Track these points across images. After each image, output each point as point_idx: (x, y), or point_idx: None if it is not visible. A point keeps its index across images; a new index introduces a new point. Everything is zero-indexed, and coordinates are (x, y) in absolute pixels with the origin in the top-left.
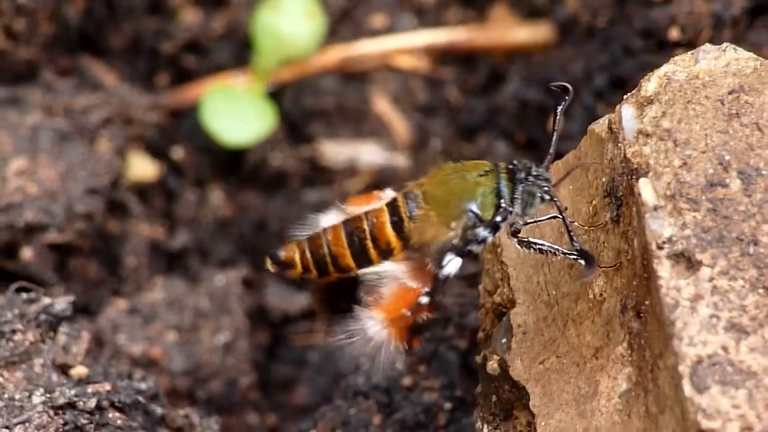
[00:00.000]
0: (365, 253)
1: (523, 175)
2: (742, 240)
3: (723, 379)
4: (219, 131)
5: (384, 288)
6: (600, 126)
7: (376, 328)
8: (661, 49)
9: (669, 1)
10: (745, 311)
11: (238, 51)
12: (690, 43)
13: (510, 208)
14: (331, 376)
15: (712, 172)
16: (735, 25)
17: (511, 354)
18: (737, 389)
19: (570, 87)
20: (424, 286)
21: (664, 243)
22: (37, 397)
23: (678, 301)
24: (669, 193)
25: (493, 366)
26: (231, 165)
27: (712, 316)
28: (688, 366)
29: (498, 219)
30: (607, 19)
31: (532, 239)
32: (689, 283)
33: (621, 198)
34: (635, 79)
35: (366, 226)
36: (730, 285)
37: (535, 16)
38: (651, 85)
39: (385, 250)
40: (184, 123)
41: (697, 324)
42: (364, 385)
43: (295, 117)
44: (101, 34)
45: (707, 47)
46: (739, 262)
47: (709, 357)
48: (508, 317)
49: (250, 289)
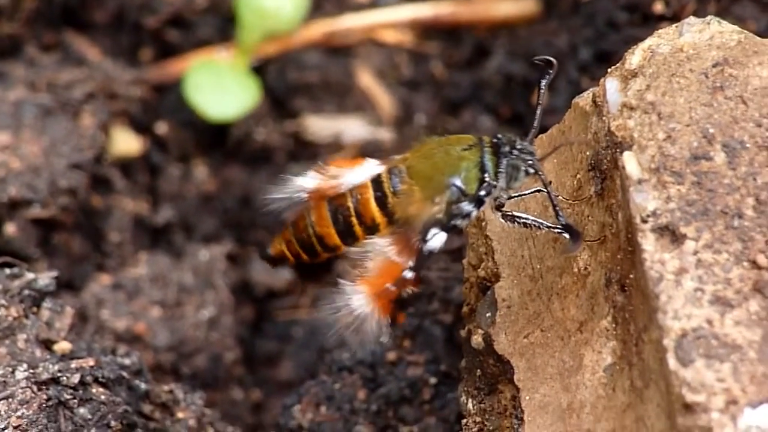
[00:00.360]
0: (350, 230)
1: (507, 148)
2: (727, 213)
3: (708, 352)
4: (203, 106)
5: (369, 262)
6: (584, 99)
7: (360, 302)
8: (645, 23)
9: None
10: (729, 284)
11: (221, 25)
12: (675, 16)
13: (494, 182)
14: (315, 351)
15: (696, 145)
16: None
17: (495, 328)
18: (722, 362)
19: (554, 61)
20: (409, 260)
21: (649, 216)
22: (21, 373)
23: (662, 275)
24: (653, 166)
25: (477, 340)
26: (215, 140)
27: (696, 290)
28: (672, 339)
29: (482, 193)
30: None
31: (516, 213)
32: (674, 257)
33: (605, 171)
34: (620, 52)
35: (350, 203)
36: (714, 258)
37: None
38: (635, 58)
39: (371, 227)
40: (167, 98)
41: (681, 297)
42: (349, 360)
43: (279, 92)
44: (85, 9)
45: (691, 20)
46: (724, 235)
47: (694, 330)
48: (493, 291)
49: (235, 265)
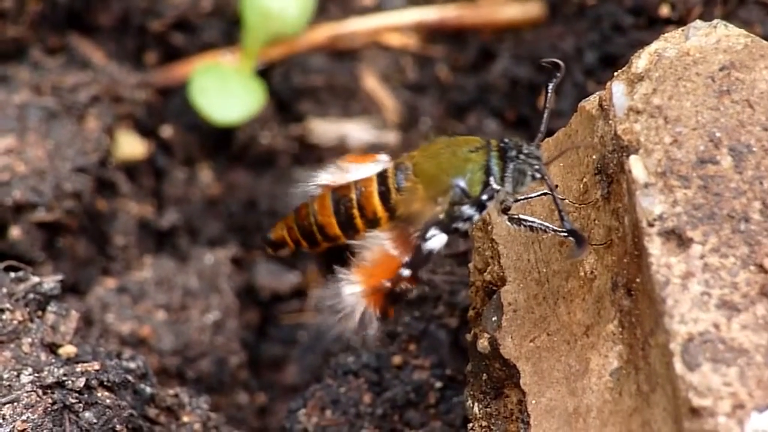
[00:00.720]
0: (351, 221)
1: (514, 152)
2: (733, 217)
3: (714, 356)
4: (208, 109)
5: (367, 253)
6: (590, 103)
7: (352, 291)
8: (651, 26)
9: None
10: (736, 288)
11: (226, 29)
12: (681, 20)
13: (497, 187)
14: (320, 355)
15: (702, 149)
16: (725, 2)
17: (501, 332)
18: (729, 367)
19: (561, 63)
20: (406, 255)
21: (655, 220)
22: (26, 377)
23: (669, 279)
24: (660, 170)
25: (483, 344)
26: (220, 143)
27: (703, 294)
28: (679, 344)
29: (484, 197)
30: None
31: (522, 216)
32: (680, 261)
33: (611, 175)
34: (625, 56)
35: (353, 195)
36: (721, 262)
37: None
38: (641, 62)
39: (372, 220)
40: (172, 101)
41: (688, 301)
42: (354, 363)
43: (284, 95)
44: (89, 12)
45: (698, 24)
46: (731, 239)
47: (701, 334)
48: (499, 295)
49: (240, 268)
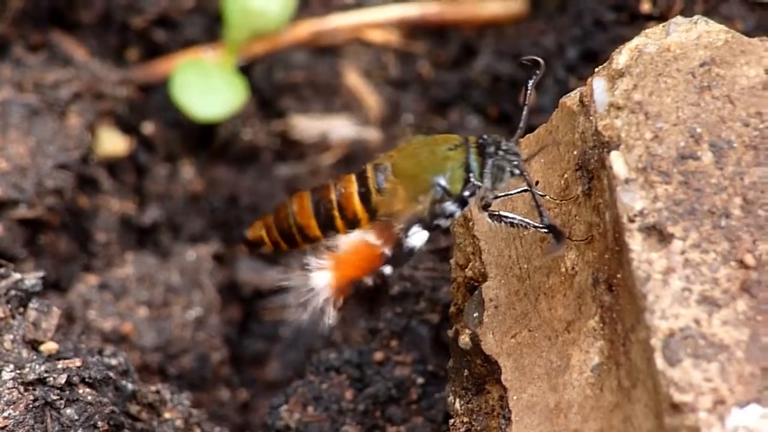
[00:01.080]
0: (331, 222)
1: (492, 149)
2: (714, 213)
3: (695, 352)
4: (189, 106)
5: (343, 242)
6: (571, 99)
7: (320, 275)
8: (632, 22)
9: None
10: (717, 284)
11: (208, 25)
12: (662, 16)
13: (479, 183)
14: (302, 351)
15: (683, 144)
16: None
17: (483, 328)
18: (710, 362)
19: (541, 61)
20: (387, 246)
21: (636, 216)
22: (7, 373)
23: (650, 275)
24: (640, 165)
25: (465, 340)
26: (202, 140)
27: (684, 289)
28: (660, 339)
29: (466, 194)
30: None
31: (503, 213)
32: (661, 256)
33: (592, 171)
34: (607, 52)
35: (333, 195)
36: (702, 258)
37: None
38: (622, 57)
39: (352, 221)
40: (154, 98)
41: (669, 297)
42: (336, 360)
43: (266, 91)
44: (71, 9)
45: (678, 20)
46: (711, 234)
47: (681, 330)
48: (480, 291)
49: (222, 265)
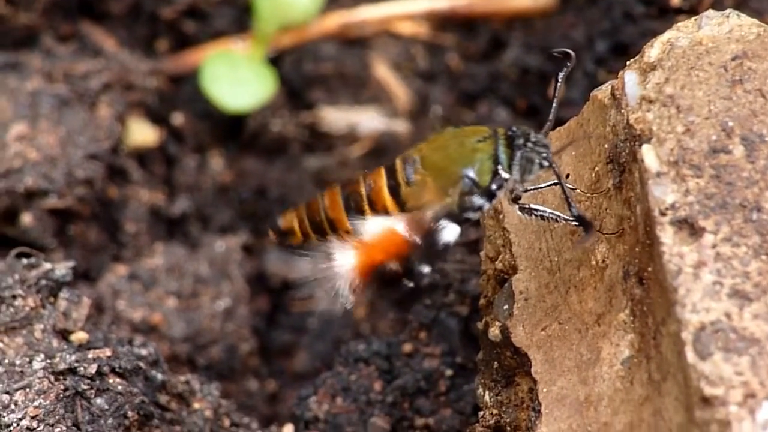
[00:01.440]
0: (362, 217)
1: (521, 141)
2: (745, 206)
3: (726, 345)
4: (219, 97)
5: (369, 229)
6: (603, 92)
7: (343, 257)
8: (662, 16)
9: None
10: (748, 278)
11: (238, 16)
12: (692, 9)
13: (507, 175)
14: (331, 342)
15: (715, 138)
16: None
17: (512, 320)
18: (740, 356)
19: (572, 53)
20: (414, 234)
21: (667, 209)
22: (38, 363)
23: (681, 268)
24: (672, 159)
25: (494, 332)
26: (231, 131)
27: (715, 283)
28: (691, 333)
29: (494, 186)
30: None
31: (533, 206)
32: (692, 250)
33: (623, 164)
34: (636, 45)
35: (363, 190)
36: (733, 251)
37: None
38: (654, 51)
39: (382, 214)
40: (184, 88)
41: (700, 291)
42: (365, 351)
43: (295, 83)
44: (101, 0)
45: (710, 13)
46: (742, 228)
47: (712, 324)
48: (510, 283)
49: (250, 255)
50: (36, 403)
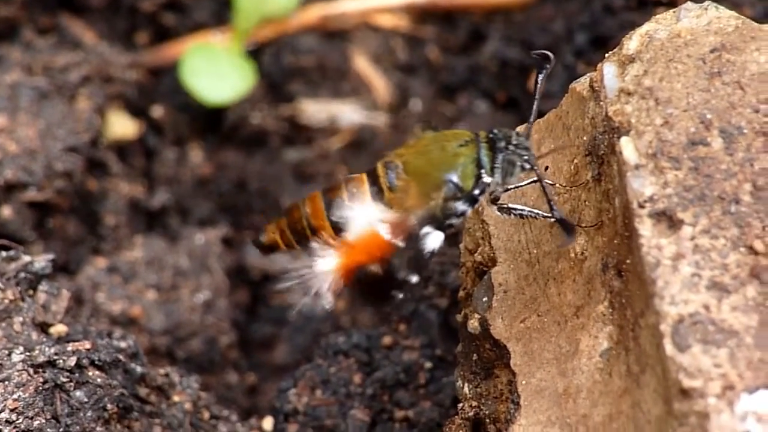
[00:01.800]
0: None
1: (503, 144)
2: (724, 199)
3: (704, 338)
4: (199, 89)
5: (350, 230)
6: (581, 84)
7: (325, 259)
8: (641, 8)
9: None
10: (726, 270)
11: (217, 9)
12: (671, 1)
13: (488, 180)
14: (311, 335)
15: (693, 130)
16: None
17: (492, 313)
18: (719, 348)
19: (551, 55)
20: (397, 236)
21: (646, 202)
22: (17, 356)
23: (659, 260)
24: (650, 151)
25: (473, 325)
26: (211, 123)
27: (693, 275)
28: (669, 325)
29: (476, 192)
30: None
31: (511, 205)
32: (671, 242)
33: (602, 156)
34: (616, 37)
35: (345, 195)
36: (711, 244)
37: None
38: (633, 43)
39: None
40: (163, 81)
41: (678, 283)
42: (345, 343)
43: (274, 75)
44: None
45: (689, 5)
46: (721, 220)
47: (691, 316)
48: (489, 276)
49: (230, 248)
50: (15, 396)
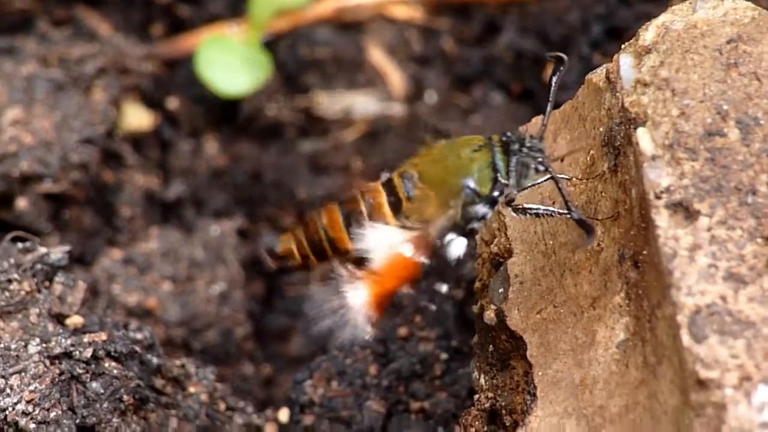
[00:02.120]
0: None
1: (516, 146)
2: (741, 189)
3: (721, 328)
4: (214, 81)
5: (375, 256)
6: (598, 75)
7: (355, 291)
8: None
9: None
10: (743, 261)
11: (233, 1)
12: None
13: (505, 182)
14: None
15: (710, 121)
16: None
17: (508, 304)
18: (736, 339)
19: (565, 57)
20: (423, 256)
21: (662, 193)
22: (33, 347)
23: (676, 251)
24: (667, 142)
25: (490, 316)
26: (226, 115)
27: (710, 266)
28: (686, 316)
29: (495, 194)
30: None
31: (526, 205)
32: (687, 233)
33: (619, 148)
34: (631, 28)
35: (364, 207)
36: (728, 234)
37: None
38: (649, 34)
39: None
40: (179, 73)
41: (695, 274)
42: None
43: (290, 67)
44: None
45: None
46: (738, 211)
47: (708, 307)
48: (505, 267)
49: (245, 240)
50: (31, 388)
